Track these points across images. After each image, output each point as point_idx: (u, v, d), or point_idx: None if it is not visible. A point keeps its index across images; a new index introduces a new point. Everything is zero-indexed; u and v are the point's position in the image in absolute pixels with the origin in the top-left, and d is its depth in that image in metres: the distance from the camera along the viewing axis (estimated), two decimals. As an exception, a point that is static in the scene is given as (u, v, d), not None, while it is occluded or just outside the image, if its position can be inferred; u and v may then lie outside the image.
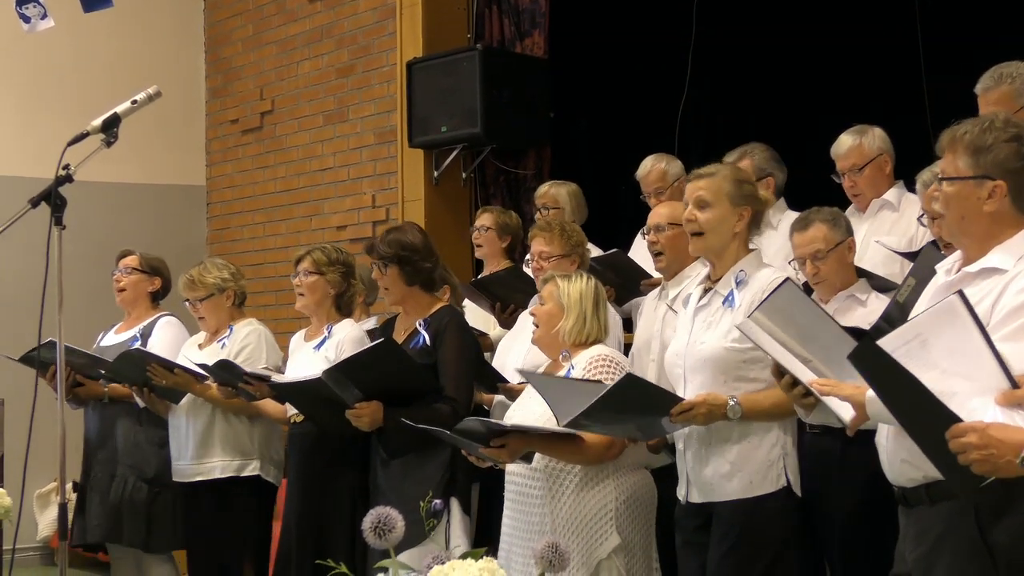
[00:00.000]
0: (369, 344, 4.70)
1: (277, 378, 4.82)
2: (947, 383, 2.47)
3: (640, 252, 5.71)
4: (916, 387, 2.43)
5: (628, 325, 5.54)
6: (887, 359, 2.46)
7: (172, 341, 5.55)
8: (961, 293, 2.59)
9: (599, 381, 3.86)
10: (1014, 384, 2.51)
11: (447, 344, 4.52)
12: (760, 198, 3.90)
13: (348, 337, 4.94)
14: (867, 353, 2.52)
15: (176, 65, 9.13)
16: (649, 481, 4.14)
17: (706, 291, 3.88)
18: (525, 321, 5.01)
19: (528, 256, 5.05)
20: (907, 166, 4.80)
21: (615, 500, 4.00)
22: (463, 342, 4.58)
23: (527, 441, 3.90)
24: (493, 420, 3.98)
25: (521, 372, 4.07)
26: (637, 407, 3.73)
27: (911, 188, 4.84)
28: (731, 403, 3.65)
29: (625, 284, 5.31)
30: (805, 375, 3.11)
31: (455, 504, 4.44)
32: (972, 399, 2.48)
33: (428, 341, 4.55)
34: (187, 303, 5.43)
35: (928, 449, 2.59)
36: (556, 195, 6.01)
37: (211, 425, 5.26)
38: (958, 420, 2.42)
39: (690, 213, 3.84)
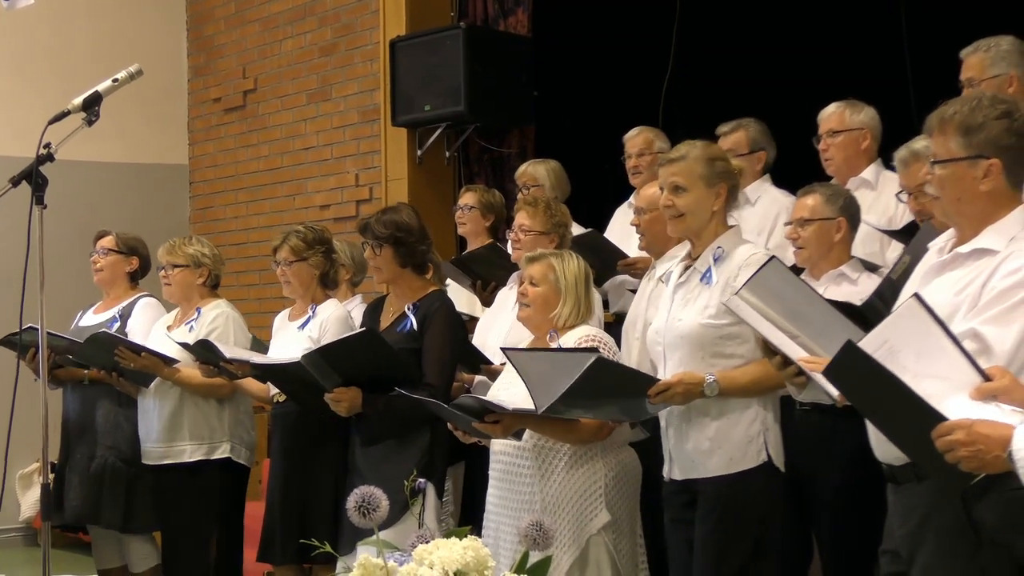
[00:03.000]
0: (353, 330, 4.69)
1: (257, 359, 4.81)
2: (920, 386, 2.46)
3: (617, 228, 5.72)
4: (899, 389, 2.42)
5: (605, 304, 5.57)
6: (870, 362, 2.46)
7: (151, 322, 5.52)
8: (918, 295, 2.59)
9: (594, 349, 3.86)
10: (986, 377, 2.51)
11: (433, 330, 4.52)
12: (733, 171, 3.88)
13: (332, 317, 4.93)
14: (846, 360, 2.51)
15: (158, 43, 9.07)
16: (635, 458, 4.16)
17: (686, 268, 3.90)
18: (505, 299, 5.01)
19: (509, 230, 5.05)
20: (885, 146, 4.80)
21: (604, 477, 4.02)
22: (450, 330, 4.57)
23: (521, 419, 3.91)
24: (491, 399, 3.96)
25: (504, 351, 4.07)
26: (614, 390, 3.74)
27: (890, 166, 4.84)
28: (708, 380, 3.67)
29: (602, 264, 5.31)
30: (794, 352, 3.11)
31: (429, 488, 4.44)
32: (948, 398, 2.47)
33: (415, 326, 4.54)
34: (160, 270, 5.40)
35: (913, 451, 2.59)
36: (535, 173, 6.01)
37: (179, 408, 5.24)
38: (943, 418, 2.42)
39: (666, 199, 3.84)
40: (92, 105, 3.83)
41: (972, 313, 2.71)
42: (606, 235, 5.62)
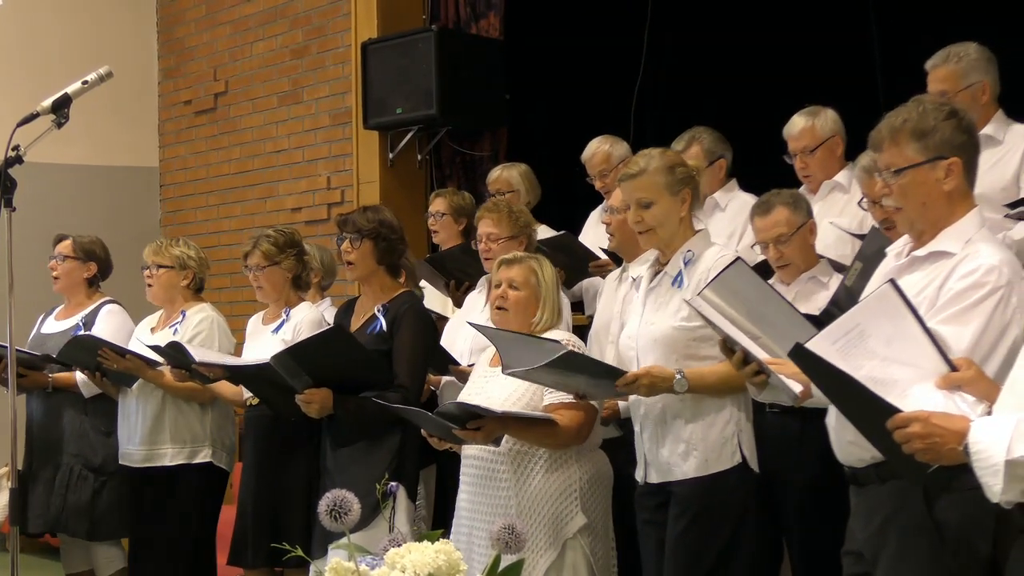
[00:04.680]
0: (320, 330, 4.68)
1: (228, 361, 4.79)
2: (888, 371, 2.50)
3: (591, 233, 5.74)
4: (850, 383, 2.45)
5: (577, 307, 5.58)
6: (818, 359, 2.49)
7: (116, 328, 5.49)
8: (893, 282, 2.62)
9: (557, 341, 3.87)
10: (952, 367, 2.54)
11: (403, 331, 4.50)
12: (693, 174, 3.88)
13: (306, 319, 4.92)
14: (801, 354, 2.54)
15: (128, 45, 9.02)
16: (607, 462, 4.17)
17: (656, 273, 3.91)
18: (474, 302, 5.01)
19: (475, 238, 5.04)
20: (858, 148, 4.82)
21: (580, 480, 4.03)
22: (420, 329, 4.56)
23: (503, 425, 3.90)
24: (477, 404, 3.94)
25: (473, 325, 4.05)
26: (583, 377, 3.76)
27: (862, 169, 4.87)
28: (677, 376, 3.67)
29: (574, 266, 5.33)
30: (758, 353, 3.13)
31: (400, 491, 4.43)
32: (913, 386, 2.50)
33: (385, 327, 4.53)
34: (144, 269, 5.36)
35: (873, 439, 2.61)
36: (509, 178, 6.01)
37: (162, 411, 5.21)
38: (897, 411, 2.44)
39: (635, 215, 3.84)
40: (61, 107, 3.81)
41: (930, 313, 2.75)
42: (581, 238, 5.63)
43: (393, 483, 4.23)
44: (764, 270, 4.35)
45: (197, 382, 4.99)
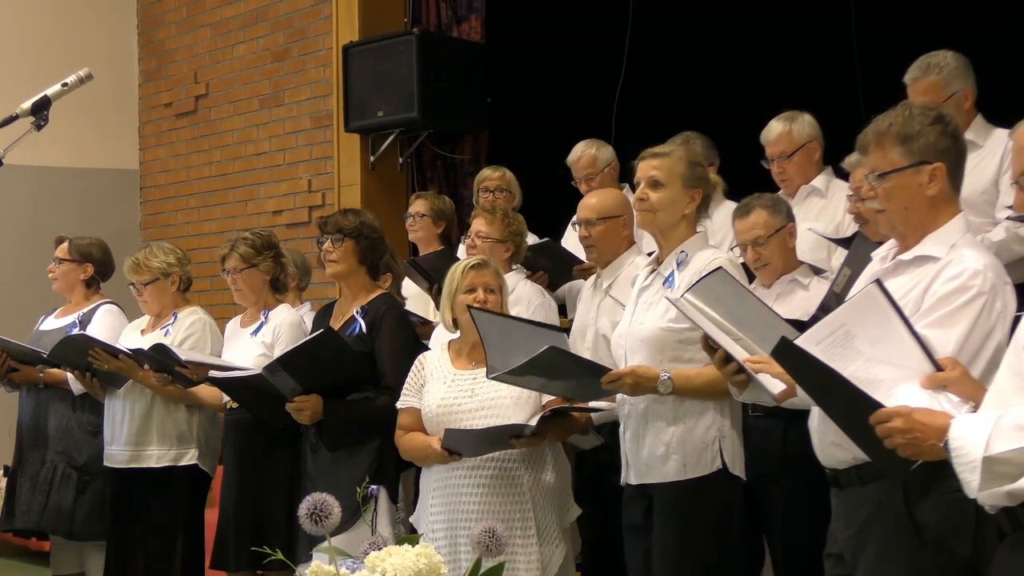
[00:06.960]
0: (308, 336, 4.66)
1: (214, 373, 4.76)
2: (873, 371, 2.51)
3: (572, 241, 5.74)
4: (835, 378, 2.46)
5: (561, 310, 5.58)
6: (804, 354, 2.50)
7: (111, 329, 5.47)
8: (879, 282, 2.63)
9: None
10: (938, 367, 2.55)
11: (384, 333, 4.51)
12: (710, 180, 3.95)
13: (285, 322, 4.91)
14: (786, 350, 2.55)
15: (108, 47, 9.00)
16: None
17: (651, 272, 3.91)
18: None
19: (464, 236, 5.05)
20: (837, 152, 4.85)
21: (571, 472, 4.14)
22: (400, 330, 4.56)
23: (546, 425, 3.93)
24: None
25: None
26: (566, 374, 3.78)
27: (839, 174, 4.89)
28: (663, 377, 3.68)
29: (557, 269, 5.33)
30: (738, 352, 3.14)
31: (382, 493, 4.42)
32: (898, 385, 2.51)
33: (364, 329, 4.53)
34: (131, 286, 5.34)
35: (855, 437, 2.62)
36: (510, 178, 6.01)
37: (150, 412, 5.17)
38: (880, 406, 2.45)
39: (642, 192, 3.84)
40: (41, 109, 3.80)
41: (916, 317, 2.77)
42: (563, 243, 5.64)
43: (374, 486, 4.21)
44: (749, 272, 4.38)
45: (179, 386, 4.97)
